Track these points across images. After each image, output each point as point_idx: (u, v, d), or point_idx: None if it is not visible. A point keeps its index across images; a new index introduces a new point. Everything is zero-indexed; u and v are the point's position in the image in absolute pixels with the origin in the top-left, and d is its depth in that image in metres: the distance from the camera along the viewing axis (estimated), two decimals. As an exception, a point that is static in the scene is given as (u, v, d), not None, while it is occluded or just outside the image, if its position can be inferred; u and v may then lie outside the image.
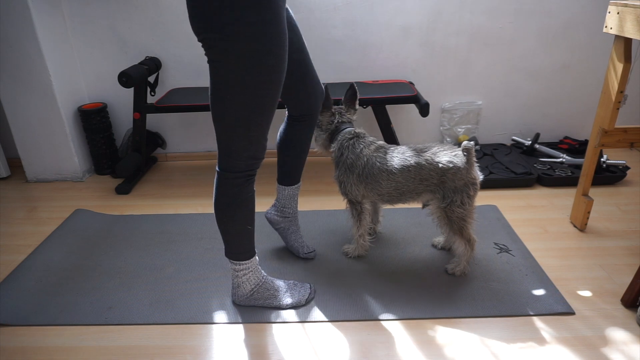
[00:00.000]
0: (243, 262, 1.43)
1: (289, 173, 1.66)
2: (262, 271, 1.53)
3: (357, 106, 1.70)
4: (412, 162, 1.52)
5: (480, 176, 1.53)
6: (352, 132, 1.63)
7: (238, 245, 1.40)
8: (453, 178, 1.49)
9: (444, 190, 1.51)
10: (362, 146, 1.59)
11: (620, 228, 1.91)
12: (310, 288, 1.57)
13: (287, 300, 1.52)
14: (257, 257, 1.48)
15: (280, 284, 1.55)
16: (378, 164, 1.56)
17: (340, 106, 1.68)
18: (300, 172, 1.68)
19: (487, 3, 2.40)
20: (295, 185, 1.70)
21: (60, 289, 1.65)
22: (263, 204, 2.23)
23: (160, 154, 2.78)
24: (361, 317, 1.47)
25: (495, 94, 2.62)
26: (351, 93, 1.66)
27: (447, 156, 1.50)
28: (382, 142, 1.63)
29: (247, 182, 1.32)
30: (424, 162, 1.51)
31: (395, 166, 1.53)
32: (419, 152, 1.54)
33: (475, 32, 2.46)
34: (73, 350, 1.39)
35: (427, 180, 1.52)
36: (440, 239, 1.80)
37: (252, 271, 1.47)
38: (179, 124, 2.70)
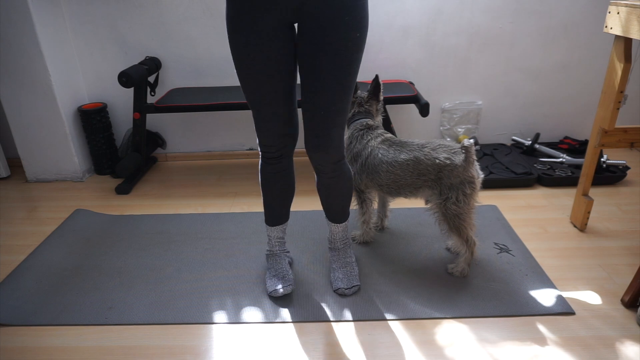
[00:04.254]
0: (266, 225, 1.64)
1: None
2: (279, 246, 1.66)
3: (381, 97, 1.71)
4: (411, 156, 1.55)
5: (480, 175, 1.53)
6: (365, 123, 1.67)
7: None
8: (449, 175, 1.49)
9: (441, 186, 1.52)
10: (369, 137, 1.64)
11: (620, 228, 1.90)
12: (282, 288, 1.54)
13: (269, 287, 1.59)
14: (275, 231, 1.63)
15: (276, 268, 1.62)
16: (380, 155, 1.60)
17: (361, 96, 1.70)
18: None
19: (487, 3, 2.40)
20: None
21: (60, 289, 1.65)
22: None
23: (160, 154, 2.78)
24: (361, 317, 1.47)
25: (495, 94, 2.62)
26: (374, 85, 1.68)
27: (445, 153, 1.50)
28: (389, 135, 1.66)
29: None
30: (422, 157, 1.52)
31: (395, 159, 1.56)
32: (420, 147, 1.55)
33: (475, 32, 2.46)
34: (73, 350, 1.39)
35: (424, 176, 1.53)
36: (452, 242, 1.79)
37: (268, 236, 1.65)
38: (179, 124, 2.70)
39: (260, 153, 1.49)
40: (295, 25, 1.29)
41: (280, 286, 1.54)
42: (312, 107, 1.32)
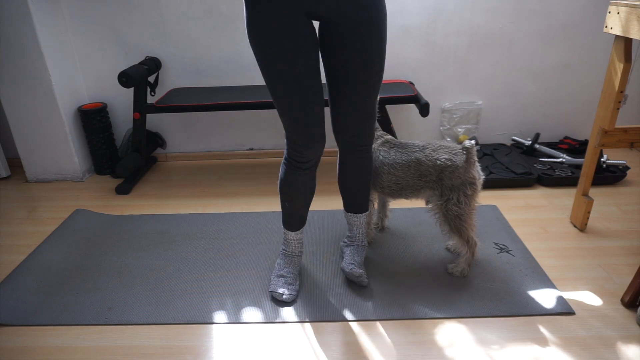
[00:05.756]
0: (287, 230, 1.60)
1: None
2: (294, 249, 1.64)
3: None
4: (412, 157, 1.54)
5: (481, 176, 1.53)
6: None
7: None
8: (450, 176, 1.49)
9: (442, 187, 1.52)
10: None
11: (620, 228, 1.90)
12: (286, 295, 1.54)
13: (273, 287, 1.58)
14: (298, 234, 1.61)
15: (288, 270, 1.61)
16: (381, 157, 1.59)
17: None
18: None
19: (487, 3, 2.40)
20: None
21: (60, 289, 1.65)
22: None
23: (160, 154, 2.78)
24: (361, 317, 1.47)
25: (495, 94, 2.62)
26: None
27: (446, 154, 1.50)
28: (389, 137, 1.66)
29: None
30: (423, 158, 1.52)
31: (396, 161, 1.56)
32: (421, 148, 1.55)
33: (475, 32, 2.46)
34: (73, 350, 1.39)
35: (426, 177, 1.53)
36: (452, 242, 1.80)
37: (288, 240, 1.62)
38: (179, 124, 2.70)
39: (287, 161, 1.41)
40: (317, 25, 1.31)
41: (285, 291, 1.54)
42: (355, 98, 1.35)
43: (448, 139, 2.68)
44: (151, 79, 2.54)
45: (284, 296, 1.53)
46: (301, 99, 1.28)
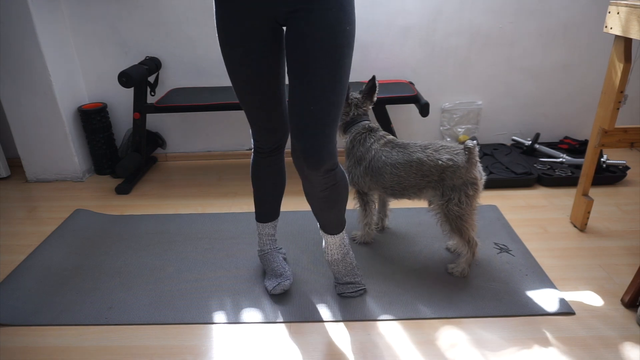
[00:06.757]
0: (257, 222, 1.66)
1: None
2: (271, 244, 1.67)
3: (375, 99, 1.71)
4: (414, 157, 1.55)
5: (483, 176, 1.53)
6: (367, 126, 1.67)
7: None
8: (452, 176, 1.49)
9: (443, 187, 1.52)
10: (372, 140, 1.64)
11: (620, 228, 1.91)
12: (279, 285, 1.55)
13: (268, 287, 1.59)
14: (266, 228, 1.65)
15: (272, 266, 1.62)
16: (383, 157, 1.60)
17: (356, 97, 1.70)
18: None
19: (487, 3, 2.40)
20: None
21: (60, 289, 1.65)
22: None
23: (160, 154, 2.78)
24: (361, 317, 1.47)
25: (495, 94, 2.62)
26: (371, 85, 1.68)
27: (448, 154, 1.51)
28: (391, 137, 1.66)
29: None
30: (425, 158, 1.53)
31: (399, 161, 1.57)
32: (423, 148, 1.56)
33: (475, 32, 2.46)
34: (73, 350, 1.39)
35: (427, 177, 1.54)
36: (452, 242, 1.80)
37: (259, 234, 1.67)
38: (179, 124, 2.70)
39: (253, 148, 1.51)
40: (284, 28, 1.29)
41: (276, 284, 1.55)
42: (302, 103, 1.20)
43: (448, 139, 2.68)
44: (151, 79, 2.54)
45: (279, 287, 1.54)
46: (252, 99, 1.35)
